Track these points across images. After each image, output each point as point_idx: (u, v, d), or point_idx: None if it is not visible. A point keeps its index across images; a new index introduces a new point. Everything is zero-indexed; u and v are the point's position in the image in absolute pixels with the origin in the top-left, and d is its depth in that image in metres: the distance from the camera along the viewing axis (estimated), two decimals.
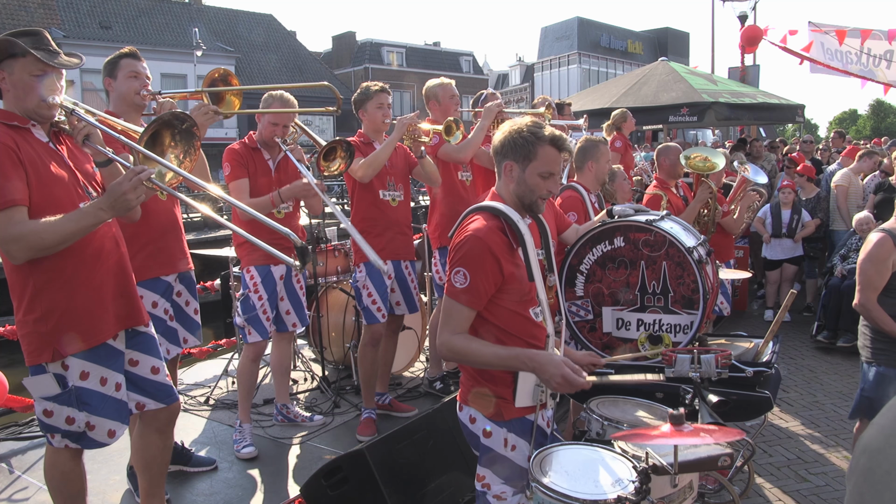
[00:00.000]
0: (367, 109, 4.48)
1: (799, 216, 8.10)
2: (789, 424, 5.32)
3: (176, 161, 2.61)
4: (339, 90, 5.38)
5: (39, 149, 2.60)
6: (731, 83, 12.59)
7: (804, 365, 6.67)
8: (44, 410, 2.66)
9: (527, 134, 2.46)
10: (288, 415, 4.62)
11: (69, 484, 2.81)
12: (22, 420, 4.85)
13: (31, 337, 2.62)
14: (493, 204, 2.52)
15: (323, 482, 3.05)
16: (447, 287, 2.43)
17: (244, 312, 4.22)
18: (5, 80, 2.56)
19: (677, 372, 3.14)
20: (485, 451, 2.56)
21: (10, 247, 2.45)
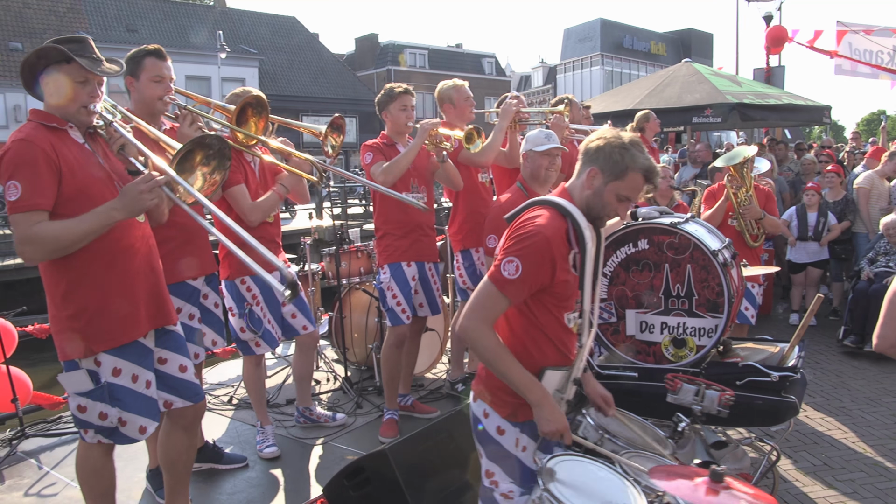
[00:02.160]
0: (391, 111, 4.46)
1: (825, 219, 7.98)
2: (815, 430, 5.25)
3: (202, 180, 2.67)
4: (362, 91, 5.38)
5: (75, 149, 2.67)
6: (756, 84, 12.46)
7: (830, 370, 6.58)
8: (77, 406, 2.73)
9: (626, 153, 2.40)
10: (311, 416, 4.57)
11: (100, 480, 2.88)
12: (50, 417, 4.92)
13: (64, 334, 2.69)
14: (564, 203, 2.45)
15: (345, 482, 3.06)
16: (493, 272, 2.37)
17: (256, 328, 4.06)
18: (48, 85, 2.63)
19: (678, 400, 3.14)
20: (493, 446, 2.55)
21: (25, 248, 2.53)
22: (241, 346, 4.19)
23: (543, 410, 2.36)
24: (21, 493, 3.83)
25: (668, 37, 59.91)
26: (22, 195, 2.49)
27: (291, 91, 37.34)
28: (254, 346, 4.12)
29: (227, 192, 3.87)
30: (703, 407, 3.13)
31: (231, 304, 4.10)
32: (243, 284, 4.06)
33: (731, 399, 3.16)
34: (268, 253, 2.50)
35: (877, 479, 4.45)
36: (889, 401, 5.77)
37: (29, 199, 2.50)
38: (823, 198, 8.19)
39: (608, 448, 2.76)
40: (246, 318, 4.05)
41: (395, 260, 4.43)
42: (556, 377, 2.47)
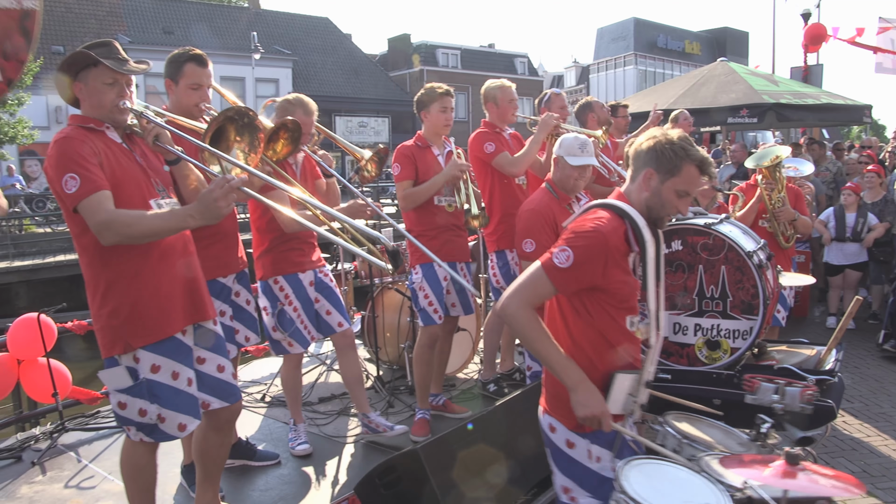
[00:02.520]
0: (430, 111, 4.43)
1: (864, 220, 7.81)
2: (854, 436, 5.15)
3: (242, 156, 2.76)
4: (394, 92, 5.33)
5: (114, 148, 2.75)
6: (794, 83, 12.25)
7: (869, 374, 6.45)
8: (118, 402, 2.78)
9: (677, 148, 2.40)
10: (370, 425, 4.37)
11: (142, 476, 2.94)
12: (88, 412, 5.02)
13: (104, 330, 2.76)
14: (622, 204, 2.45)
15: (377, 481, 3.07)
16: (545, 257, 2.37)
17: (286, 328, 4.08)
18: (82, 90, 2.74)
19: (758, 401, 3.07)
20: (567, 462, 2.53)
21: (102, 230, 2.57)
22: (274, 346, 4.23)
23: (578, 394, 2.34)
24: (62, 485, 3.91)
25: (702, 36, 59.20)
26: (82, 183, 2.56)
27: (324, 91, 37.62)
28: (286, 345, 4.15)
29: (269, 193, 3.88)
30: (785, 405, 3.06)
31: (265, 303, 4.14)
32: (276, 284, 4.09)
33: (814, 394, 3.09)
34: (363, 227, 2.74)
35: None
36: None
37: (90, 184, 2.56)
38: (862, 198, 8.02)
39: (687, 453, 2.72)
40: (275, 318, 4.09)
41: (427, 260, 4.44)
42: (628, 380, 2.44)
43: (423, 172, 4.39)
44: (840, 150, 10.69)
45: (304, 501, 3.67)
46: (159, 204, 2.81)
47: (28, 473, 4.06)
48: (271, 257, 4.06)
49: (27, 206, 20.09)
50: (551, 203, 3.82)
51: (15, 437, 4.57)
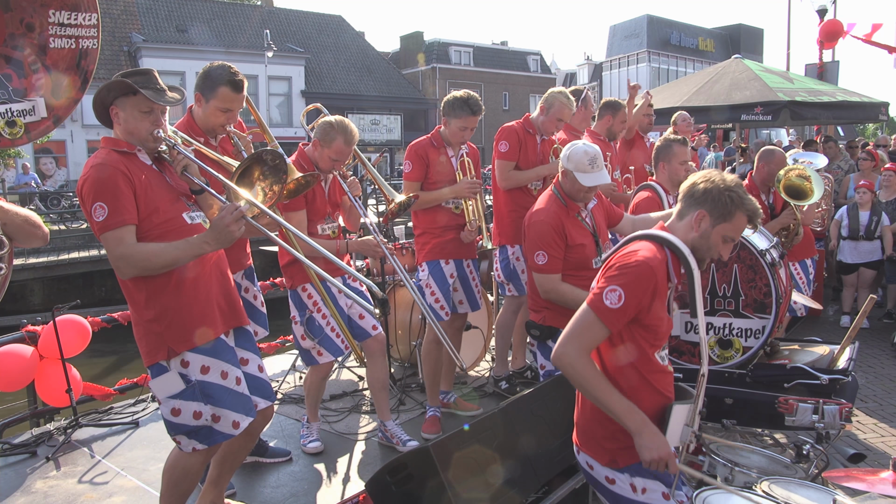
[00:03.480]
0: (451, 124, 4.37)
1: (878, 218, 7.75)
2: (867, 436, 5.11)
3: (262, 194, 2.86)
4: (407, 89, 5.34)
5: (145, 171, 2.84)
6: (809, 81, 12.17)
7: (884, 374, 6.40)
8: (171, 410, 2.81)
9: (734, 195, 2.41)
10: (385, 433, 4.34)
11: (187, 481, 2.99)
12: (101, 408, 5.06)
13: (147, 338, 2.82)
14: (668, 236, 2.46)
15: (388, 478, 3.07)
16: (594, 301, 2.35)
17: (315, 335, 4.06)
18: (118, 116, 2.82)
19: (798, 422, 3.06)
20: (613, 498, 2.51)
21: (120, 264, 2.68)
22: (304, 356, 4.20)
23: (643, 438, 2.32)
24: (75, 480, 3.95)
25: (716, 33, 58.87)
26: (109, 214, 2.64)
27: (337, 89, 37.70)
28: (315, 354, 4.10)
29: (287, 214, 3.87)
30: (825, 424, 3.03)
31: (294, 312, 4.13)
32: (304, 292, 4.09)
33: (851, 410, 3.08)
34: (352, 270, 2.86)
35: None
36: None
37: (116, 217, 2.65)
38: (877, 196, 7.96)
39: (741, 481, 2.71)
40: (304, 325, 4.07)
41: (433, 257, 4.45)
42: (684, 411, 2.42)
43: (434, 174, 4.39)
44: (853, 148, 10.60)
45: (315, 498, 3.69)
46: (192, 217, 2.92)
47: (43, 468, 4.10)
48: (299, 265, 4.02)
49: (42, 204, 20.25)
50: (560, 212, 3.70)
51: (30, 433, 4.62)
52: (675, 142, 4.43)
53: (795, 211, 5.04)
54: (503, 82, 47.24)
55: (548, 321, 3.78)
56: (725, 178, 2.45)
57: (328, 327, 4.07)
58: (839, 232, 7.97)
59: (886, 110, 11.63)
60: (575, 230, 3.70)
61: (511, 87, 47.03)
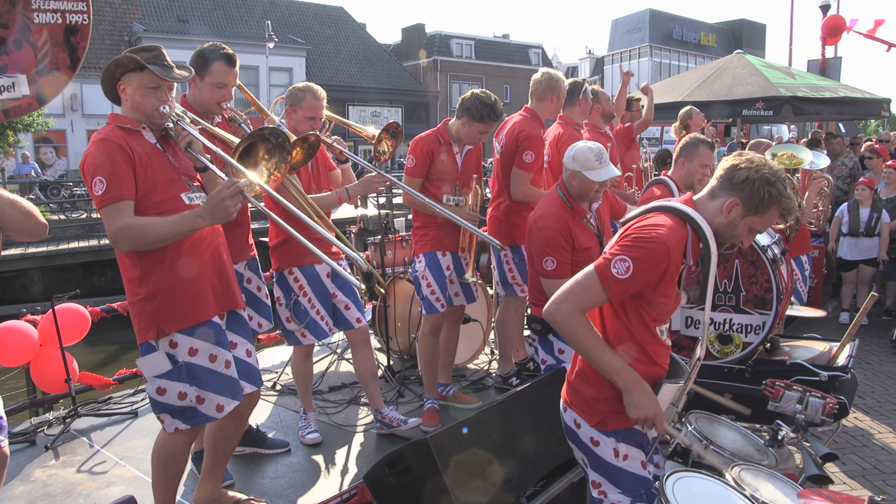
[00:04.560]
0: (472, 127, 4.29)
1: (878, 215, 7.74)
2: (865, 432, 5.12)
3: (266, 173, 2.85)
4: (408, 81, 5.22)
5: (148, 149, 2.86)
6: (811, 76, 12.15)
7: (882, 371, 6.40)
8: (157, 389, 2.84)
9: (773, 192, 2.29)
10: (383, 420, 4.34)
11: (175, 464, 3.02)
12: (100, 398, 5.07)
13: (139, 316, 2.84)
14: (694, 214, 2.36)
15: (386, 470, 3.08)
16: (601, 265, 2.30)
17: (300, 319, 4.06)
18: (125, 91, 2.85)
19: (781, 408, 3.06)
20: (594, 459, 2.51)
21: (116, 237, 2.70)
22: (287, 337, 4.22)
23: (633, 396, 2.32)
24: (74, 470, 3.95)
25: (718, 27, 58.72)
26: (107, 188, 2.67)
27: (338, 81, 37.61)
28: (300, 336, 4.13)
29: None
30: (806, 416, 3.04)
31: (279, 293, 4.14)
32: (291, 275, 4.08)
33: (836, 407, 3.07)
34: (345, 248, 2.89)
35: None
36: None
37: (114, 192, 2.68)
38: (877, 193, 7.95)
39: (713, 458, 2.71)
40: (290, 309, 4.08)
41: (430, 249, 4.45)
42: (672, 390, 2.41)
43: (438, 171, 4.37)
44: (857, 145, 10.57)
45: (314, 490, 3.69)
46: (191, 198, 2.93)
47: (42, 457, 4.11)
48: (287, 248, 4.04)
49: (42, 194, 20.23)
50: (566, 216, 3.65)
51: (29, 422, 4.62)
52: (703, 143, 4.33)
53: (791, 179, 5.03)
54: (505, 76, 47.11)
55: None
56: (771, 167, 2.32)
57: (313, 310, 4.08)
58: (839, 229, 7.96)
59: (888, 107, 11.61)
60: (581, 234, 3.67)
61: (513, 80, 46.88)
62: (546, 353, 3.85)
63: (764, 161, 2.36)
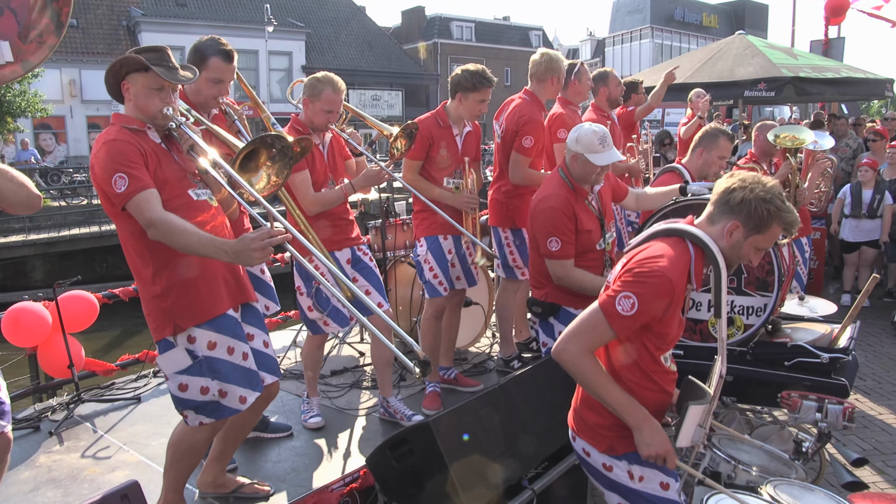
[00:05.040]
0: (469, 98, 4.30)
1: (881, 196, 7.72)
2: (866, 414, 5.14)
3: (266, 178, 2.85)
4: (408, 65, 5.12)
5: (155, 149, 2.86)
6: (813, 57, 12.05)
7: (883, 353, 6.42)
8: (179, 385, 2.84)
9: (772, 209, 2.28)
10: (388, 409, 4.33)
11: (192, 456, 3.04)
12: (104, 383, 5.08)
13: (154, 314, 2.84)
14: (702, 236, 2.35)
15: (388, 453, 3.09)
16: (606, 302, 2.30)
17: (323, 307, 4.04)
18: (129, 91, 2.83)
19: (801, 420, 3.04)
20: (612, 485, 2.51)
21: (150, 230, 2.68)
22: (309, 325, 4.19)
23: (643, 434, 2.32)
24: (78, 455, 3.97)
25: (720, 8, 58.32)
26: (130, 182, 2.65)
27: (338, 64, 37.41)
28: (322, 325, 4.12)
29: (290, 178, 3.75)
30: (828, 423, 3.03)
31: (300, 283, 4.11)
32: (311, 263, 4.05)
33: (854, 411, 3.06)
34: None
35: None
36: None
37: (138, 183, 2.67)
38: (881, 174, 7.92)
39: (743, 479, 2.70)
40: (313, 297, 4.06)
41: (431, 233, 4.44)
42: (699, 412, 2.38)
43: (437, 153, 4.36)
44: (860, 126, 10.51)
45: (316, 473, 3.71)
46: (198, 194, 2.94)
47: (46, 443, 4.13)
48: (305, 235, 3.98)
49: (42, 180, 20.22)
50: (569, 197, 3.62)
51: (33, 408, 4.64)
52: (723, 135, 4.29)
53: (791, 159, 5.00)
54: (505, 58, 46.84)
55: (550, 298, 3.77)
56: (764, 184, 2.32)
57: (334, 298, 4.01)
58: (842, 211, 7.94)
59: (891, 87, 11.52)
60: (584, 215, 3.66)
61: (513, 62, 46.60)
62: (547, 336, 3.85)
63: (756, 178, 2.35)
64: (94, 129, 31.10)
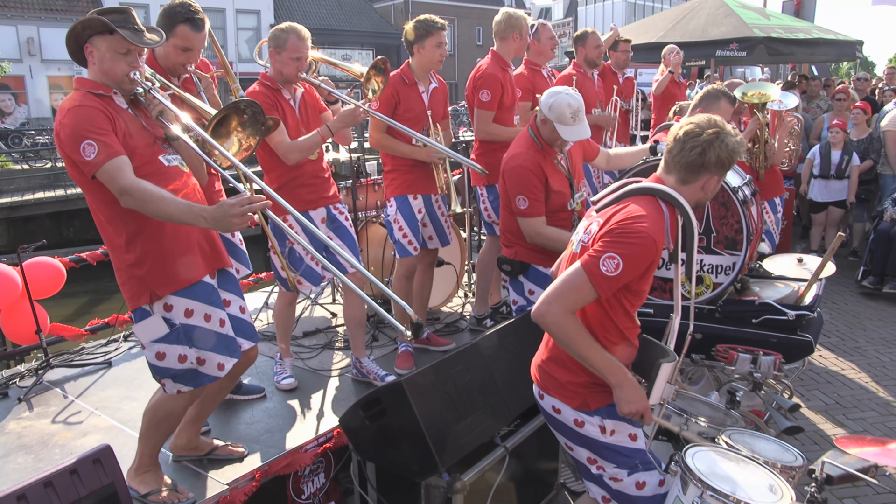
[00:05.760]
0: (425, 46, 4.30)
1: (849, 157, 7.83)
2: (829, 369, 5.27)
3: (237, 144, 2.81)
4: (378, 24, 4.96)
5: (122, 114, 2.77)
6: (785, 18, 12.06)
7: (847, 310, 6.56)
8: (156, 354, 2.82)
9: (734, 154, 2.37)
10: (361, 369, 4.35)
11: (170, 422, 3.03)
12: (72, 349, 5.03)
13: (129, 282, 2.80)
14: (674, 194, 2.36)
15: (361, 413, 3.11)
16: (589, 263, 2.28)
17: (296, 267, 4.03)
18: (93, 55, 2.71)
19: (737, 371, 3.15)
20: (582, 440, 2.54)
21: (123, 197, 2.61)
22: (282, 283, 4.18)
23: (624, 391, 2.34)
24: (48, 421, 3.93)
25: None
26: (100, 149, 2.57)
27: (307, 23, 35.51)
28: (295, 282, 4.10)
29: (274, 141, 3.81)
30: (761, 374, 3.12)
31: (273, 241, 4.06)
32: (286, 223, 4.01)
33: (783, 361, 3.19)
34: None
35: (887, 419, 4.48)
36: None
37: (108, 150, 2.58)
38: (848, 136, 8.02)
39: (695, 430, 2.76)
40: (286, 257, 4.03)
41: (401, 193, 4.43)
42: (669, 369, 2.41)
43: (406, 110, 4.32)
44: (830, 87, 10.58)
45: (290, 434, 3.72)
46: (168, 160, 2.86)
47: (15, 410, 4.08)
48: (282, 195, 3.94)
49: (2, 143, 19.69)
50: (538, 157, 3.64)
51: (0, 374, 4.57)
52: (725, 96, 4.22)
53: (758, 114, 5.03)
54: (477, 17, 46.25)
55: (519, 256, 3.80)
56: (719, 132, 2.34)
57: (308, 257, 4.03)
58: (811, 171, 8.03)
59: (861, 48, 11.60)
60: (553, 175, 3.68)
61: (485, 22, 45.92)
62: (517, 293, 3.88)
63: (708, 121, 2.37)
64: (56, 90, 30.29)
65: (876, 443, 2.42)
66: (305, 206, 3.98)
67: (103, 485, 2.50)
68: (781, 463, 2.40)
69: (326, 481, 3.72)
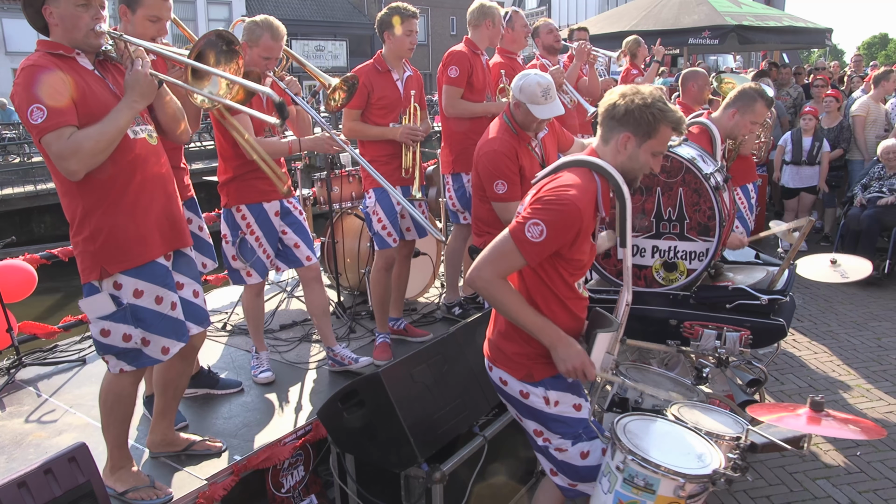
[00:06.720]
0: (395, 33, 4.29)
1: (820, 144, 7.93)
2: (802, 353, 5.34)
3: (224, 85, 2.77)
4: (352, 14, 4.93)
5: (86, 76, 2.67)
6: (757, 6, 12.18)
7: (819, 294, 6.66)
8: (101, 330, 2.77)
9: (655, 111, 2.35)
10: (335, 357, 4.35)
11: (122, 406, 2.97)
12: (45, 347, 4.95)
13: (82, 256, 2.74)
14: (603, 164, 2.41)
15: (339, 405, 3.11)
16: (516, 229, 2.34)
17: (247, 258, 4.02)
18: (52, 15, 2.61)
19: (702, 347, 3.18)
20: (528, 411, 2.58)
21: (68, 163, 2.52)
22: (232, 275, 4.16)
23: (558, 351, 2.39)
24: (22, 420, 3.88)
25: None
26: (48, 115, 2.49)
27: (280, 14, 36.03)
28: (245, 275, 4.09)
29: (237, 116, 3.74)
30: (726, 350, 3.16)
31: (226, 231, 4.06)
32: (238, 213, 4.00)
33: (751, 338, 3.22)
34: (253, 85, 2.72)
35: (858, 401, 4.56)
36: (875, 325, 5.86)
37: (57, 118, 2.50)
38: (819, 123, 8.12)
39: (650, 403, 2.79)
40: (237, 247, 4.02)
41: (379, 184, 4.41)
42: (607, 338, 2.46)
43: (379, 98, 4.31)
44: (800, 75, 10.71)
45: (268, 427, 3.70)
46: (135, 131, 2.77)
47: None
48: (235, 185, 3.95)
49: None
50: (512, 141, 3.69)
51: None
52: (762, 98, 4.14)
53: None
54: (450, 7, 46.08)
55: None
56: (643, 92, 2.40)
57: (260, 249, 4.03)
58: (783, 158, 8.13)
59: (830, 36, 11.75)
60: (527, 161, 3.71)
61: (459, 11, 45.79)
62: None
63: (634, 89, 2.42)
64: None
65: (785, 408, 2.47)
66: (260, 197, 3.97)
67: (79, 483, 2.48)
68: (717, 433, 2.43)
69: (306, 474, 3.71)
